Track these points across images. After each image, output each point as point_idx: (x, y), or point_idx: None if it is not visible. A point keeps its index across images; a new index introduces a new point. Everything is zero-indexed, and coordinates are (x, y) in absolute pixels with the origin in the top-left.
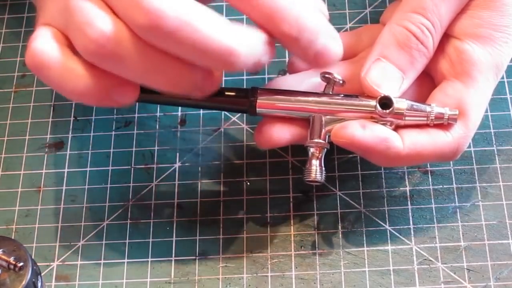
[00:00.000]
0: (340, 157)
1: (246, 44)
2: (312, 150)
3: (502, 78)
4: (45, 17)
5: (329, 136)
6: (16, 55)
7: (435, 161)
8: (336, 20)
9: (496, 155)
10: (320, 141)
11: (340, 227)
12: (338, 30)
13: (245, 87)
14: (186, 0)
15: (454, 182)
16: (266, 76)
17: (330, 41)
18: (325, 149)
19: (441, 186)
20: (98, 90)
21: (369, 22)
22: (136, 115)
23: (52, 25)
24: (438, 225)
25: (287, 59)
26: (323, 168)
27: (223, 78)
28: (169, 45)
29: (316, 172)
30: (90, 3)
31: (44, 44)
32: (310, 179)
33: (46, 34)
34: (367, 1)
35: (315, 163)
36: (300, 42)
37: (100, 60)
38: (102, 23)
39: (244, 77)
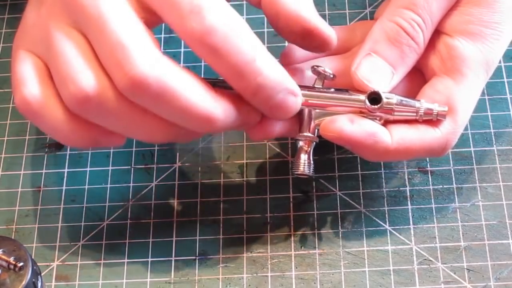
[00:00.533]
0: (340, 157)
1: (224, 110)
2: (301, 143)
3: (502, 78)
4: (26, 40)
5: (318, 130)
6: None
7: (424, 156)
8: (336, 20)
9: (496, 155)
10: (309, 134)
11: (340, 227)
12: None
13: None
14: (169, 65)
15: (454, 182)
16: None
17: (287, 96)
18: (314, 143)
19: (441, 186)
20: (86, 139)
21: None
22: None
23: (34, 53)
24: (438, 225)
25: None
26: (312, 162)
27: None
28: (151, 107)
29: (304, 165)
30: (75, 50)
31: (35, 92)
32: (298, 172)
33: (33, 77)
34: (367, 1)
35: (303, 156)
36: (256, 98)
37: (82, 113)
38: (85, 80)
39: None
